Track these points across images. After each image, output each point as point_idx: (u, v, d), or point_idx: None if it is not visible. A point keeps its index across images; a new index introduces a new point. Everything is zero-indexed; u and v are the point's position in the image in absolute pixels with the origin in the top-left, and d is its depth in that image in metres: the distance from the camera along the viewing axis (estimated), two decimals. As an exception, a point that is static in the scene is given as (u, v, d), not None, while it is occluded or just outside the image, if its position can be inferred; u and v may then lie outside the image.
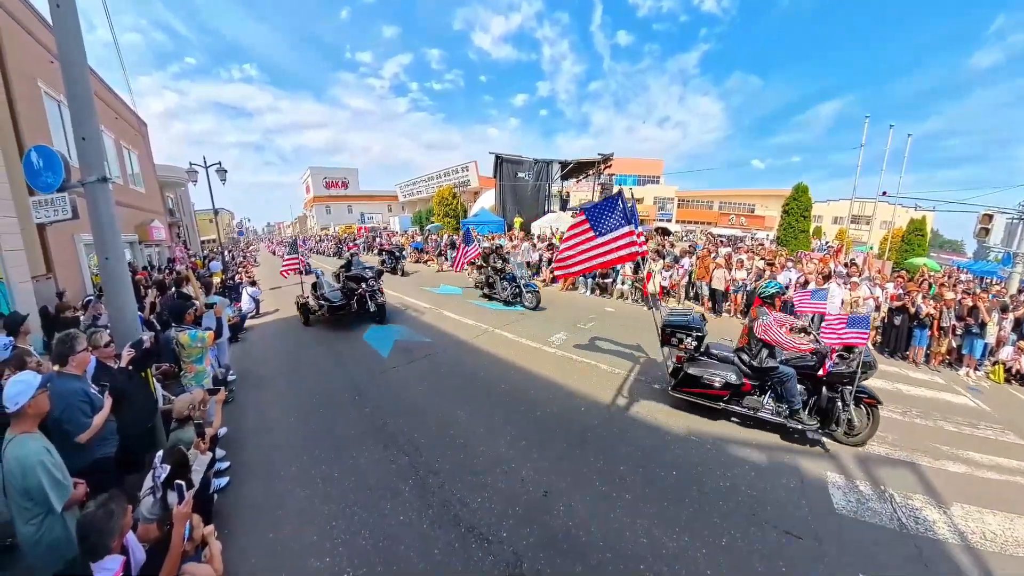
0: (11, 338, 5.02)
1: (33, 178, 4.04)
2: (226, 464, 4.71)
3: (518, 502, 4.04)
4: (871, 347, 5.63)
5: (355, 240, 35.79)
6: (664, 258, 12.65)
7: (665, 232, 26.02)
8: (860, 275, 10.73)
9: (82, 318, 6.79)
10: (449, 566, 3.38)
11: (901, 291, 9.37)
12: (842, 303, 9.27)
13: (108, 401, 3.45)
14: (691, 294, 12.21)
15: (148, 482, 3.12)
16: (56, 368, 3.39)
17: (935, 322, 8.31)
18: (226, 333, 6.77)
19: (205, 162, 16.09)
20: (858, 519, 3.93)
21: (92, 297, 7.61)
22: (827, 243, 35.27)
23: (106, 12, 5.29)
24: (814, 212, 26.58)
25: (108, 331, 4.26)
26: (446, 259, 21.41)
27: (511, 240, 19.25)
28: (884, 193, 24.18)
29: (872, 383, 7.16)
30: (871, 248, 26.49)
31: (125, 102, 17.19)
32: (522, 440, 5.06)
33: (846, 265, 12.55)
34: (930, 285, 11.26)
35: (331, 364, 7.92)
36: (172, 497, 2.89)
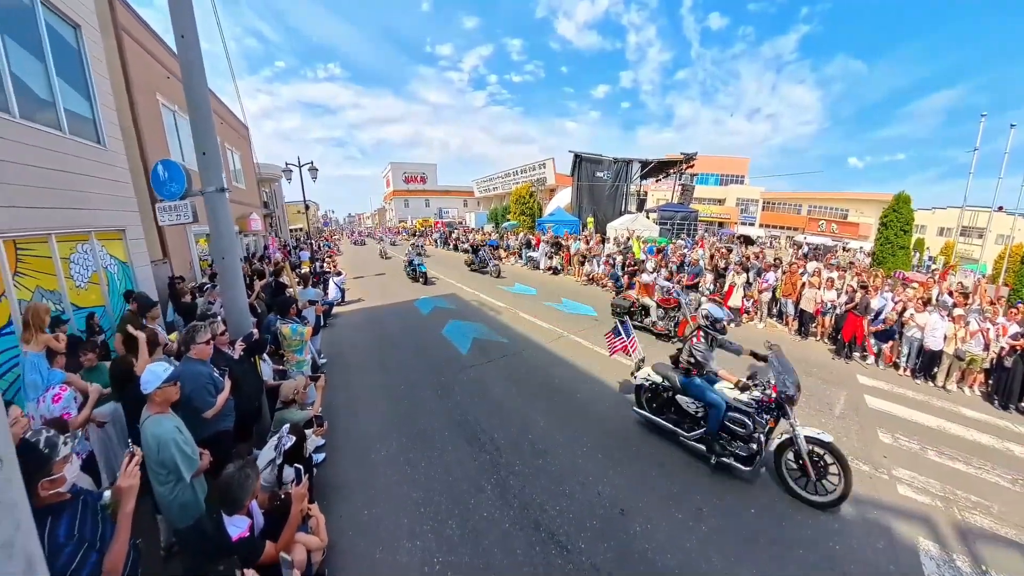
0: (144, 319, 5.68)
1: (159, 187, 4.51)
2: (322, 441, 5.09)
3: (595, 516, 4.02)
4: None
5: (427, 233, 37.44)
6: (748, 271, 11.62)
7: (748, 241, 24.06)
8: (969, 305, 8.61)
9: (199, 302, 7.55)
10: (531, 567, 3.46)
11: (1018, 327, 7.26)
12: (944, 339, 7.57)
13: (228, 383, 3.90)
14: (774, 311, 11.34)
15: (269, 453, 3.44)
16: (183, 353, 3.88)
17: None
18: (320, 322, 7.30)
19: (299, 162, 17.89)
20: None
21: (210, 285, 8.47)
22: (930, 258, 31.44)
23: (222, 38, 5.93)
24: (916, 222, 22.93)
25: (222, 318, 4.87)
26: (521, 258, 21.77)
27: (587, 243, 18.91)
28: (1000, 208, 21.28)
29: (976, 437, 5.93)
30: (984, 270, 22.20)
31: (230, 109, 19.49)
32: (598, 453, 5.03)
33: (951, 293, 10.12)
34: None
35: (413, 356, 8.31)
36: (288, 471, 3.29)
